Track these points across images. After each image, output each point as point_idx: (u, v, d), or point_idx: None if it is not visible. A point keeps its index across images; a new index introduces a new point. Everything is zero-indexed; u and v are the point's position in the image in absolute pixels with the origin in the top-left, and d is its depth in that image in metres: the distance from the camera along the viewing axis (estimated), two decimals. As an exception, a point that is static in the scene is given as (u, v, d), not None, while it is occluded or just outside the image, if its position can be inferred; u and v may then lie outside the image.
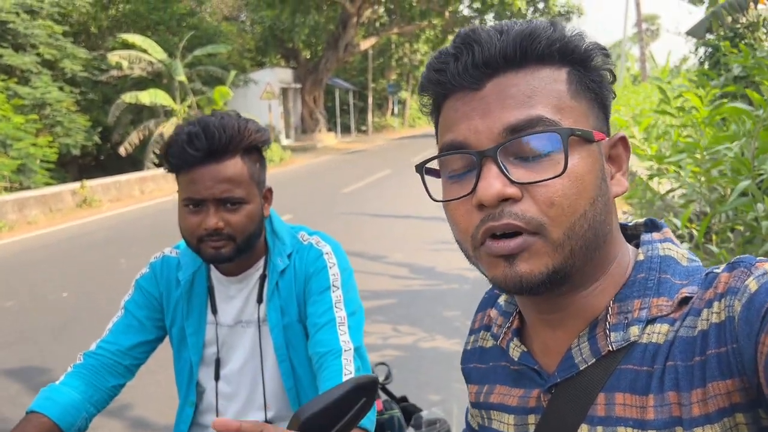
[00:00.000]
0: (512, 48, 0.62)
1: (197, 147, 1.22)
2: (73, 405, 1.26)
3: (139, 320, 1.40)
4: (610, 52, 0.68)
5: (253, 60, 26.08)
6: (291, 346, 1.37)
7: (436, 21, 25.58)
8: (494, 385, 0.77)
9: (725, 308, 0.57)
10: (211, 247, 1.26)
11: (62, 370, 4.40)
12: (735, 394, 0.55)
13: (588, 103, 0.65)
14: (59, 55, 15.93)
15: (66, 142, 14.94)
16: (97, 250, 8.06)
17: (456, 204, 0.64)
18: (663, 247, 0.68)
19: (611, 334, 0.64)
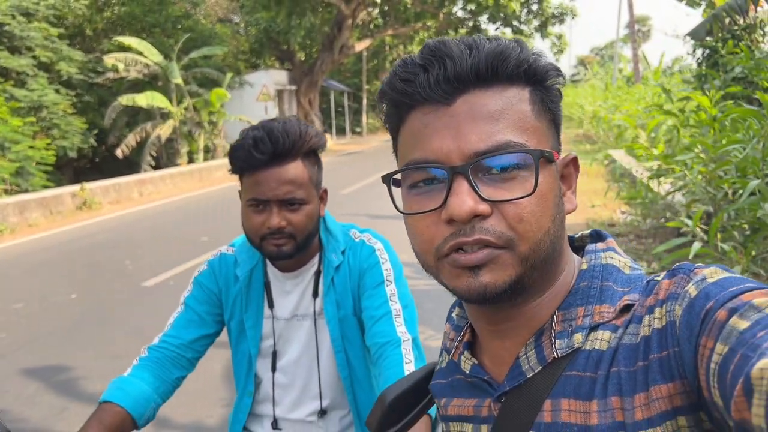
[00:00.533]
0: (484, 65, 0.63)
1: (262, 151, 1.28)
2: (143, 396, 1.32)
3: (199, 315, 1.46)
4: (562, 72, 0.69)
5: (247, 62, 26.10)
6: (346, 338, 1.44)
7: (430, 23, 25.68)
8: (451, 398, 0.78)
9: (666, 313, 0.59)
10: (273, 245, 1.33)
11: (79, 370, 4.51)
12: (676, 397, 0.57)
13: (547, 123, 0.67)
14: (55, 58, 15.91)
15: (63, 145, 14.92)
16: (101, 253, 8.09)
17: (420, 216, 0.65)
18: (605, 255, 0.70)
19: (556, 342, 0.65)
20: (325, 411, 1.47)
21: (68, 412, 3.73)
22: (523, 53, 0.64)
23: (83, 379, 4.18)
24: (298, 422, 1.48)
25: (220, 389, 3.95)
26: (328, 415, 1.48)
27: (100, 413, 1.24)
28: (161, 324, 4.70)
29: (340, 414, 1.50)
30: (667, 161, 4.34)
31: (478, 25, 25.23)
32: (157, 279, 6.58)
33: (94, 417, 1.23)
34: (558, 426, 0.63)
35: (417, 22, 25.61)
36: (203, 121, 17.63)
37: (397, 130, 0.70)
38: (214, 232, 8.91)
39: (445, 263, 0.64)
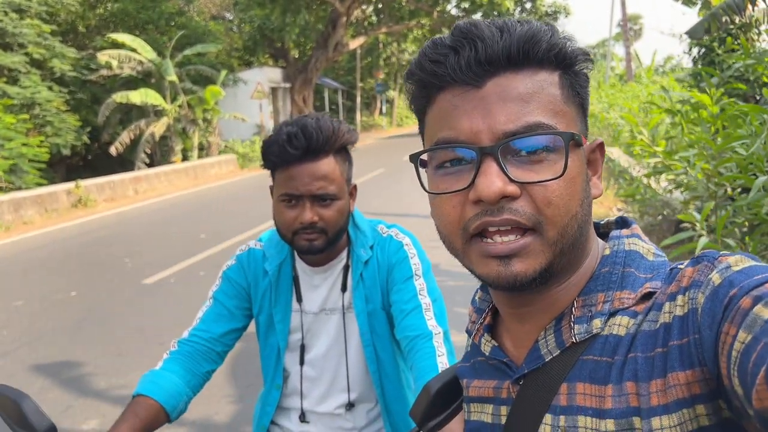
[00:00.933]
0: (515, 48, 0.62)
1: (296, 146, 1.30)
2: (175, 389, 1.33)
3: (228, 309, 1.47)
4: (591, 56, 0.69)
5: (241, 59, 26.02)
6: (374, 332, 1.45)
7: (424, 21, 25.69)
8: (472, 380, 0.79)
9: (689, 301, 0.58)
10: (304, 240, 1.34)
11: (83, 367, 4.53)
12: (695, 384, 0.56)
13: (576, 107, 0.67)
14: (48, 55, 15.80)
15: (56, 142, 14.84)
16: (99, 250, 8.06)
17: (447, 196, 0.64)
18: (629, 242, 0.69)
19: (575, 327, 0.65)
20: (352, 404, 1.49)
21: (73, 410, 3.73)
22: (554, 37, 0.64)
23: (87, 376, 4.18)
24: (325, 415, 1.50)
25: (226, 386, 3.96)
26: (355, 408, 1.50)
27: (135, 406, 1.25)
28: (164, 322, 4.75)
29: (367, 407, 1.52)
30: (669, 158, 4.38)
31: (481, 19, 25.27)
32: (157, 277, 6.57)
33: (130, 410, 1.24)
34: (573, 409, 0.63)
35: (411, 20, 25.60)
36: (197, 118, 17.57)
37: (424, 112, 0.69)
38: (211, 229, 8.91)
39: (473, 249, 0.64)
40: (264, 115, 21.74)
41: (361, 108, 34.10)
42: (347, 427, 1.51)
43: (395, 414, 1.49)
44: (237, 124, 20.75)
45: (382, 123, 36.27)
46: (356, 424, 1.51)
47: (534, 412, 0.67)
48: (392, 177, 14.26)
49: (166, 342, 4.81)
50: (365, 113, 37.03)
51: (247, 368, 4.18)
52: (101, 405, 3.78)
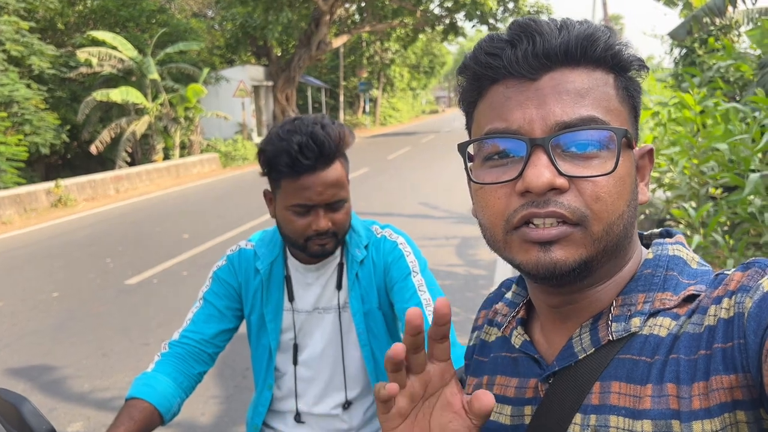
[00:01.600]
0: (574, 45, 0.63)
1: (308, 156, 1.27)
2: (168, 391, 1.32)
3: (219, 310, 1.46)
4: (646, 65, 0.69)
5: (223, 57, 25.83)
6: (371, 332, 1.45)
7: (407, 20, 25.71)
8: (494, 376, 0.77)
9: (735, 304, 0.57)
10: (317, 245, 1.35)
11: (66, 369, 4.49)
12: (737, 390, 0.55)
13: (628, 110, 0.67)
14: (26, 52, 15.52)
15: (35, 141, 14.60)
16: (80, 250, 7.96)
17: (494, 187, 0.64)
18: (673, 248, 0.69)
19: (612, 325, 0.65)
20: (350, 403, 1.49)
21: (57, 412, 3.68)
22: (611, 39, 0.64)
23: (71, 378, 4.13)
24: (321, 416, 1.49)
25: (211, 387, 3.94)
26: (352, 407, 1.50)
27: (130, 409, 1.24)
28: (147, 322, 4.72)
29: (364, 406, 1.52)
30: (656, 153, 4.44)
31: (455, 23, 25.32)
32: (140, 277, 6.50)
33: (124, 413, 1.23)
34: (606, 408, 0.62)
35: (394, 18, 25.60)
36: (179, 116, 17.41)
37: (474, 105, 0.69)
38: (194, 229, 8.84)
39: (514, 236, 0.63)
40: (246, 114, 21.62)
41: (345, 107, 34.05)
42: (343, 428, 1.50)
43: None
44: (219, 123, 20.60)
45: (365, 122, 36.24)
46: (352, 424, 1.50)
47: (563, 412, 0.65)
48: (377, 176, 14.26)
49: (150, 342, 4.78)
50: (348, 112, 36.97)
51: (234, 368, 4.16)
52: (85, 407, 3.74)
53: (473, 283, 5.92)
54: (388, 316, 1.47)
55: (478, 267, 6.44)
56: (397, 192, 11.81)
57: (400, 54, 36.74)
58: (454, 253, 7.06)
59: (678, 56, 8.57)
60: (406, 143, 24.27)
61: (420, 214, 9.37)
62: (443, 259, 6.70)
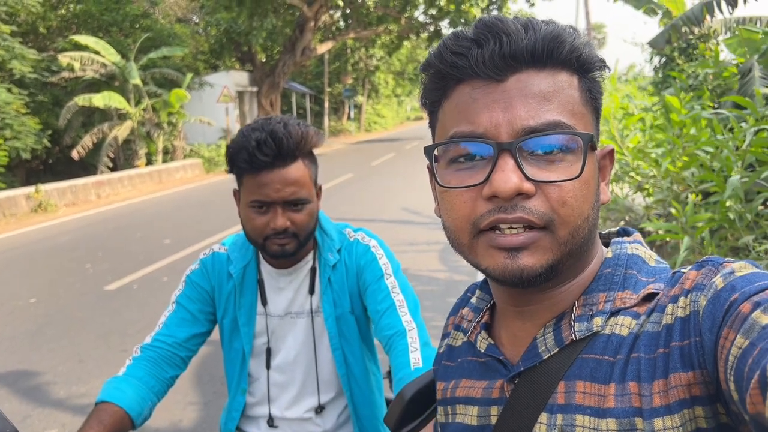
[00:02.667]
0: (540, 46, 0.62)
1: (266, 153, 1.28)
2: (139, 395, 1.31)
3: (192, 313, 1.45)
4: (608, 65, 0.69)
5: (207, 63, 25.73)
6: (343, 336, 1.45)
7: (392, 27, 25.78)
8: (460, 380, 0.78)
9: (691, 303, 0.59)
10: (276, 245, 1.34)
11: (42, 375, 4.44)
12: (695, 386, 0.56)
13: (591, 112, 0.67)
14: (7, 56, 15.35)
15: (15, 146, 14.43)
16: (60, 256, 7.87)
17: (458, 191, 0.64)
18: (631, 246, 0.70)
19: (575, 325, 0.65)
20: (322, 407, 1.48)
21: (32, 419, 3.63)
22: (576, 40, 0.64)
23: (47, 384, 4.07)
24: (295, 420, 1.49)
25: (190, 394, 3.90)
26: (325, 411, 1.49)
27: (99, 413, 1.22)
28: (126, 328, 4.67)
29: (337, 411, 1.51)
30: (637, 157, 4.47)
31: (439, 30, 25.43)
32: (119, 283, 6.44)
33: (94, 417, 1.21)
34: (572, 408, 0.63)
35: (379, 25, 25.66)
36: (162, 122, 17.30)
37: (438, 105, 0.68)
38: (176, 234, 8.77)
39: (480, 241, 0.63)
40: (230, 119, 21.53)
41: (329, 113, 34.04)
42: (317, 431, 1.50)
43: (363, 418, 1.49)
44: (203, 128, 20.50)
45: (350, 128, 36.25)
46: (326, 428, 1.50)
47: (529, 411, 0.66)
48: (361, 182, 14.26)
49: (129, 349, 4.72)
50: (333, 118, 36.96)
51: (213, 374, 4.13)
52: (61, 414, 3.69)
53: (454, 288, 5.93)
54: (361, 320, 1.47)
55: (460, 273, 6.46)
56: (380, 197, 11.82)
57: (385, 61, 36.81)
58: (437, 258, 7.07)
59: (658, 64, 8.70)
60: (390, 149, 24.30)
61: (403, 219, 9.37)
62: (425, 265, 6.71)
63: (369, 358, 1.51)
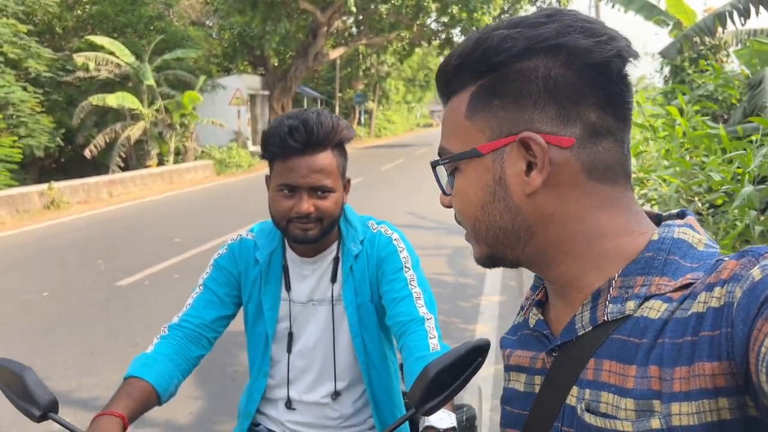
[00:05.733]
0: (443, 83, 0.74)
1: (296, 139, 1.34)
2: (166, 372, 1.36)
3: (218, 296, 1.51)
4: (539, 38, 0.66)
5: (220, 66, 25.92)
6: (363, 324, 1.50)
7: (404, 34, 25.90)
8: (515, 350, 0.83)
9: (726, 294, 0.58)
10: (299, 229, 1.39)
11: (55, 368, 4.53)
12: (720, 377, 0.56)
13: (491, 112, 0.68)
14: (23, 55, 15.54)
15: (29, 144, 14.59)
16: (72, 252, 7.96)
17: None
18: (679, 230, 0.68)
19: (609, 306, 0.67)
20: (338, 393, 1.53)
21: (45, 409, 3.69)
22: (467, 60, 0.70)
23: (59, 375, 4.14)
24: (312, 404, 1.53)
25: (201, 387, 3.96)
26: (341, 397, 1.54)
27: (128, 387, 1.28)
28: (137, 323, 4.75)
29: (353, 397, 1.55)
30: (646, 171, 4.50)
31: (451, 38, 25.52)
32: (131, 279, 6.52)
33: (122, 390, 1.27)
34: (598, 384, 0.65)
35: (391, 32, 25.79)
36: (175, 123, 17.45)
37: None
38: (187, 233, 8.85)
39: None
40: (242, 122, 21.69)
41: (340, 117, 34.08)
42: (333, 416, 1.54)
43: (381, 404, 1.53)
44: (214, 130, 20.64)
45: (360, 134, 36.36)
46: (342, 413, 1.54)
47: (563, 383, 0.70)
48: (370, 186, 14.32)
49: (139, 343, 4.78)
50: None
51: (224, 371, 4.18)
52: (71, 404, 3.75)
53: (462, 291, 5.97)
54: (380, 309, 1.51)
55: (468, 276, 6.50)
56: (389, 202, 11.88)
57: (396, 67, 36.92)
58: (445, 262, 7.12)
59: (668, 75, 8.73)
60: (399, 155, 24.38)
61: (411, 224, 9.41)
62: (433, 268, 6.75)
63: (387, 346, 1.56)
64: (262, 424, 1.58)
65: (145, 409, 1.29)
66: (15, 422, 3.51)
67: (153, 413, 3.55)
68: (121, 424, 1.19)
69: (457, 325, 5.01)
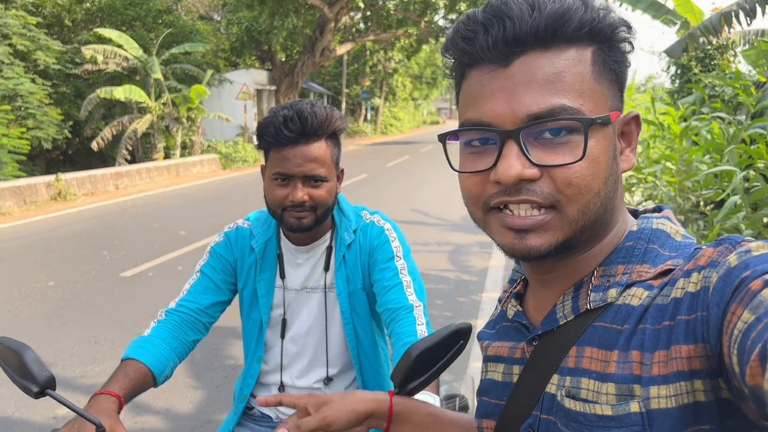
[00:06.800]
0: (543, 27, 0.62)
1: (291, 129, 1.38)
2: (163, 355, 1.40)
3: (215, 283, 1.54)
4: (633, 27, 0.67)
5: (227, 60, 25.98)
6: (354, 311, 1.54)
7: (411, 30, 25.89)
8: (493, 342, 0.84)
9: (703, 279, 0.59)
10: (294, 217, 1.43)
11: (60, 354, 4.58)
12: (695, 360, 0.57)
13: (608, 83, 0.66)
14: (32, 47, 15.63)
15: (37, 135, 14.68)
16: (78, 242, 8.03)
17: (470, 174, 0.68)
18: (657, 222, 0.71)
19: (591, 294, 0.68)
20: (330, 378, 1.57)
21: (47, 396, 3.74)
22: (587, 14, 0.64)
23: (64, 362, 4.19)
24: (304, 389, 1.57)
25: (202, 378, 4.00)
26: (333, 383, 1.57)
27: (125, 368, 1.32)
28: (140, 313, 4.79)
29: (345, 383, 1.59)
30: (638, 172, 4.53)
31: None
32: (135, 270, 6.57)
33: (120, 371, 1.31)
34: (579, 371, 0.67)
35: (399, 28, 25.78)
36: (181, 116, 17.51)
37: (459, 85, 0.72)
38: (192, 226, 8.91)
39: (492, 218, 0.68)
40: (248, 117, 21.74)
41: (346, 114, 34.17)
42: None
43: (372, 389, 1.57)
44: (221, 124, 20.71)
45: (366, 130, 36.39)
46: None
47: (544, 372, 0.70)
48: (374, 182, 14.35)
49: (143, 332, 4.80)
50: (350, 119, 37.09)
51: (224, 363, 4.23)
52: (75, 391, 3.80)
53: (464, 287, 6.00)
54: (371, 296, 1.55)
55: (470, 273, 6.52)
56: (393, 198, 11.90)
57: (403, 64, 36.91)
58: (447, 259, 7.14)
59: (675, 74, 8.72)
60: (405, 152, 24.38)
61: (415, 220, 9.44)
62: (435, 264, 6.78)
63: (378, 334, 1.60)
64: (256, 408, 1.62)
65: (141, 390, 1.33)
66: (19, 407, 3.57)
67: (154, 402, 3.63)
68: (117, 402, 1.22)
69: (458, 319, 5.04)
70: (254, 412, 1.62)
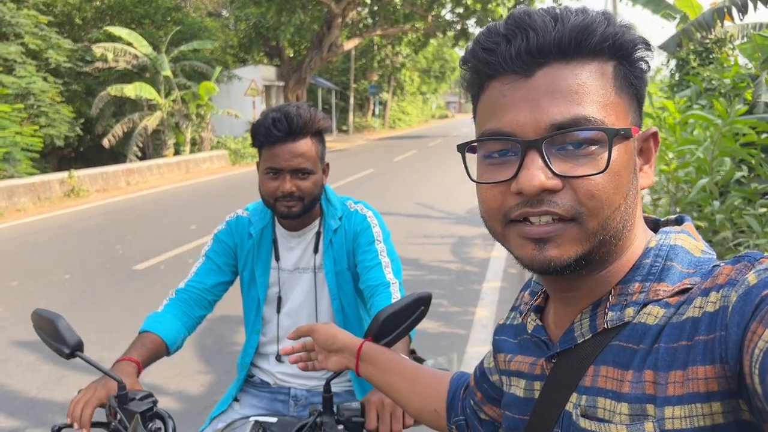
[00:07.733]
0: (567, 39, 0.62)
1: (279, 129, 1.57)
2: (174, 328, 1.60)
3: (218, 265, 1.75)
4: (651, 45, 0.67)
5: (235, 57, 26.23)
6: (341, 289, 1.73)
7: (419, 24, 26.00)
8: (516, 355, 0.83)
9: (721, 298, 0.58)
10: (284, 206, 1.62)
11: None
12: (713, 381, 0.56)
13: (629, 98, 0.66)
14: (44, 45, 15.93)
15: (50, 133, 14.98)
16: (92, 237, 8.28)
17: (490, 185, 0.67)
18: (676, 237, 0.68)
19: (608, 314, 0.67)
20: None
21: (66, 379, 3.97)
22: (609, 28, 0.64)
23: (81, 350, 4.41)
24: None
25: (213, 363, 4.22)
26: None
27: (142, 339, 1.53)
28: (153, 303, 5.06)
29: None
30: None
31: (466, 29, 25.58)
32: (147, 263, 6.80)
33: (138, 341, 1.52)
34: (595, 390, 0.66)
35: (406, 23, 25.91)
36: (191, 113, 17.76)
37: (477, 97, 0.71)
38: (202, 221, 9.14)
39: (512, 231, 0.67)
40: (257, 112, 21.96)
41: (354, 109, 34.36)
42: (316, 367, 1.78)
43: None
44: (230, 121, 20.97)
45: (374, 124, 36.58)
46: None
47: (563, 390, 0.70)
48: (381, 177, 14.54)
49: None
50: (358, 114, 37.29)
51: (233, 349, 4.44)
52: (93, 376, 3.99)
53: (465, 278, 6.18)
54: (355, 276, 1.74)
55: (471, 264, 6.70)
56: (400, 192, 12.08)
57: (411, 58, 37.04)
58: (449, 250, 7.32)
59: (674, 68, 8.85)
60: (413, 146, 24.55)
61: (418, 213, 9.63)
62: (438, 256, 6.97)
63: (362, 309, 1.79)
64: (256, 375, 1.82)
65: (157, 357, 1.53)
66: (41, 390, 3.79)
67: (167, 385, 3.84)
68: (136, 367, 1.45)
69: (458, 309, 5.22)
70: (254, 379, 1.82)
